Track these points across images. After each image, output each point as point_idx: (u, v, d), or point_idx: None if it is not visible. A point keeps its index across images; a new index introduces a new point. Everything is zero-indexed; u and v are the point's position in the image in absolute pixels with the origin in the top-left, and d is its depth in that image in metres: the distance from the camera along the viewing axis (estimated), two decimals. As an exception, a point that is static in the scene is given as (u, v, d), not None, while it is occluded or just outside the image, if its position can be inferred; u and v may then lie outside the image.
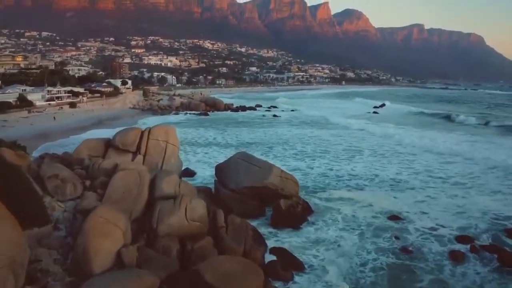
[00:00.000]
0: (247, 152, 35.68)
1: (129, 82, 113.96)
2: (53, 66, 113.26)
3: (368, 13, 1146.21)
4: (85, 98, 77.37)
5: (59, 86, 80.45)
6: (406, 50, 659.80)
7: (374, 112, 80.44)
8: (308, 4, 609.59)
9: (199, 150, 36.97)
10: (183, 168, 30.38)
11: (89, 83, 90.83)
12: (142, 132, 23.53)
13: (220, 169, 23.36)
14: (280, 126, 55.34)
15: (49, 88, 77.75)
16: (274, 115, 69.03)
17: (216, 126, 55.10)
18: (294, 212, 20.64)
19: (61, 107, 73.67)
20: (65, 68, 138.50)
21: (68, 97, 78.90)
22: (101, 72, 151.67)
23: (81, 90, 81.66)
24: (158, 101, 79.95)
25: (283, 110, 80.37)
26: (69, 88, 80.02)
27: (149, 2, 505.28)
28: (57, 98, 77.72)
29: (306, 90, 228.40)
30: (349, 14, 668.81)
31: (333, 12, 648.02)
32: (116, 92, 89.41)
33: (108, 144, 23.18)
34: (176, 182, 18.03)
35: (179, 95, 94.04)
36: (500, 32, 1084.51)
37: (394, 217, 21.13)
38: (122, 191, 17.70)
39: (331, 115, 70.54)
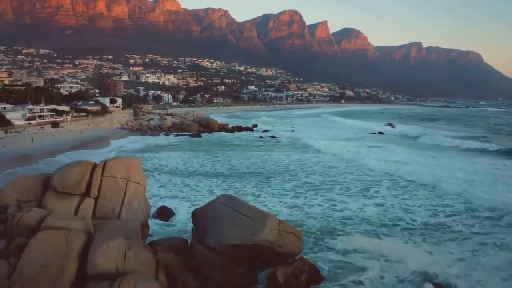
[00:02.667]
0: (240, 183, 30.69)
1: (119, 100, 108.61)
2: (42, 83, 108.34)
3: (367, 32, 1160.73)
4: (69, 118, 71.94)
5: (42, 104, 75.11)
6: (405, 68, 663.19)
7: (379, 133, 74.97)
8: (307, 23, 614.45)
9: (182, 181, 30.95)
10: (159, 206, 24.66)
11: (75, 101, 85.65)
12: (94, 167, 17.67)
13: (197, 217, 17.46)
14: (279, 150, 49.39)
15: (31, 106, 72.41)
16: (272, 136, 63.37)
17: (207, 149, 49.26)
18: (297, 284, 14.70)
19: (42, 127, 68.11)
20: (56, 85, 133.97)
21: (51, 116, 73.45)
22: (93, 90, 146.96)
23: (66, 108, 76.33)
24: (149, 120, 74.46)
25: (282, 131, 74.79)
26: (52, 107, 74.60)
27: (148, 21, 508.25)
28: (39, 117, 72.30)
29: (306, 108, 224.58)
30: (347, 33, 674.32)
31: (331, 31, 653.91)
32: (104, 111, 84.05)
33: (48, 184, 17.33)
34: (119, 251, 12.07)
35: (171, 114, 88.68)
36: (499, 50, 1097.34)
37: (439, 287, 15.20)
38: (39, 265, 11.80)
39: (336, 137, 64.88)
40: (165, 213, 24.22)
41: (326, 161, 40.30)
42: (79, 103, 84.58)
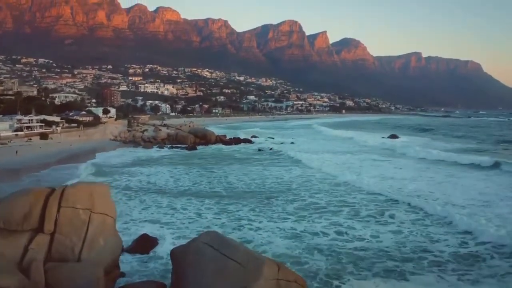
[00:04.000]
0: (235, 206, 26.33)
1: (113, 110, 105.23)
2: (35, 92, 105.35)
3: (366, 42, 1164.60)
4: (59, 129, 68.64)
5: (32, 115, 71.90)
6: (404, 78, 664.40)
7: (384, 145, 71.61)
8: (307, 33, 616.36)
9: (169, 203, 27.40)
10: (141, 233, 21.14)
11: (67, 112, 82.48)
12: (48, 196, 14.26)
13: (177, 259, 14.01)
14: (280, 164, 45.78)
15: (19, 117, 69.17)
16: (272, 149, 59.94)
17: (202, 164, 45.70)
18: None
19: (30, 139, 64.83)
20: (51, 95, 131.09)
21: (41, 127, 70.16)
22: (89, 100, 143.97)
23: (57, 119, 73.11)
24: (143, 132, 71.09)
25: (282, 143, 71.32)
26: (42, 117, 71.39)
27: (148, 31, 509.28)
28: (28, 128, 69.02)
29: (306, 119, 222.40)
30: (347, 43, 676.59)
31: (331, 41, 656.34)
32: (96, 121, 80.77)
33: (-10, 217, 13.88)
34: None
35: (165, 125, 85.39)
36: (498, 59, 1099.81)
37: None
38: None
39: (339, 150, 61.36)
40: (145, 244, 20.59)
41: (331, 177, 36.74)
42: (70, 114, 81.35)
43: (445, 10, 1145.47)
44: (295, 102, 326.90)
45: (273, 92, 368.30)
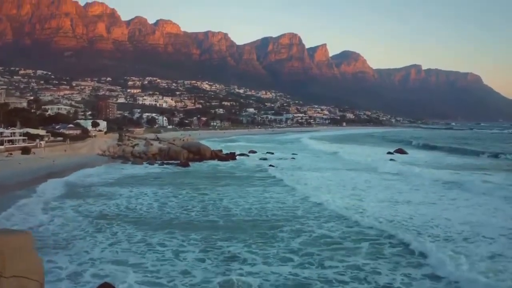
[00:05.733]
0: (227, 242, 19.80)
1: (103, 123, 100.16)
2: (25, 104, 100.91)
3: (366, 55, 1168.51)
4: (43, 143, 63.77)
5: (15, 128, 67.19)
6: (404, 91, 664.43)
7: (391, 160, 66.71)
8: (306, 46, 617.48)
9: (144, 236, 22.30)
10: (99, 284, 16.02)
11: (53, 124, 77.77)
12: None
13: None
14: (282, 184, 40.01)
15: (0, 130, 64.41)
16: (271, 166, 54.92)
17: (194, 184, 40.38)
18: None
19: (11, 153, 59.90)
20: (44, 107, 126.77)
21: (23, 140, 65.34)
22: (83, 112, 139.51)
23: (42, 132, 68.34)
24: (133, 146, 66.16)
25: (281, 158, 66.14)
26: (26, 130, 66.63)
27: (148, 43, 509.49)
28: (9, 141, 64.19)
29: (305, 132, 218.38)
30: (346, 56, 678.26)
31: (331, 54, 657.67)
32: (84, 135, 75.97)
33: None
34: None
35: (158, 139, 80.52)
36: (498, 71, 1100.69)
37: None
38: None
39: (345, 166, 56.21)
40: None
41: (343, 202, 31.39)
42: (57, 127, 76.58)
43: (445, 22, 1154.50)
44: (295, 115, 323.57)
45: (272, 105, 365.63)
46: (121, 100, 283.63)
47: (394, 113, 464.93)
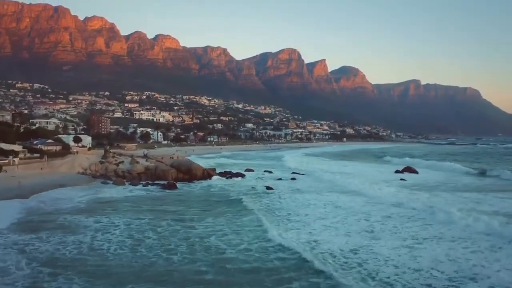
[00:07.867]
0: None
1: (87, 138, 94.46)
2: (9, 117, 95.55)
3: (365, 70, 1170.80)
4: (16, 160, 58.14)
5: (-10, 144, 61.62)
6: (403, 106, 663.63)
7: (401, 179, 61.07)
8: (306, 62, 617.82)
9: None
10: None
11: (31, 139, 72.26)
12: None
13: None
14: (283, 213, 34.54)
15: (-27, 147, 58.84)
16: (268, 188, 49.13)
17: (179, 212, 34.46)
18: None
19: (-19, 172, 54.18)
20: (32, 120, 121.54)
21: (-2, 158, 59.68)
22: (73, 127, 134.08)
23: (18, 148, 62.79)
24: (118, 164, 60.63)
25: (279, 179, 60.17)
26: None
27: (146, 58, 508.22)
28: (-17, 159, 58.53)
29: (305, 148, 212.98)
30: (345, 71, 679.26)
31: (330, 69, 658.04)
32: (65, 151, 70.46)
33: None
34: None
35: (145, 156, 74.88)
36: (497, 86, 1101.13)
37: None
38: None
39: (352, 190, 50.15)
40: None
41: (360, 239, 25.56)
42: (35, 142, 71.09)
43: (443, 37, 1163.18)
44: (294, 130, 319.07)
45: (272, 120, 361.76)
46: (118, 114, 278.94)
47: (394, 128, 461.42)
